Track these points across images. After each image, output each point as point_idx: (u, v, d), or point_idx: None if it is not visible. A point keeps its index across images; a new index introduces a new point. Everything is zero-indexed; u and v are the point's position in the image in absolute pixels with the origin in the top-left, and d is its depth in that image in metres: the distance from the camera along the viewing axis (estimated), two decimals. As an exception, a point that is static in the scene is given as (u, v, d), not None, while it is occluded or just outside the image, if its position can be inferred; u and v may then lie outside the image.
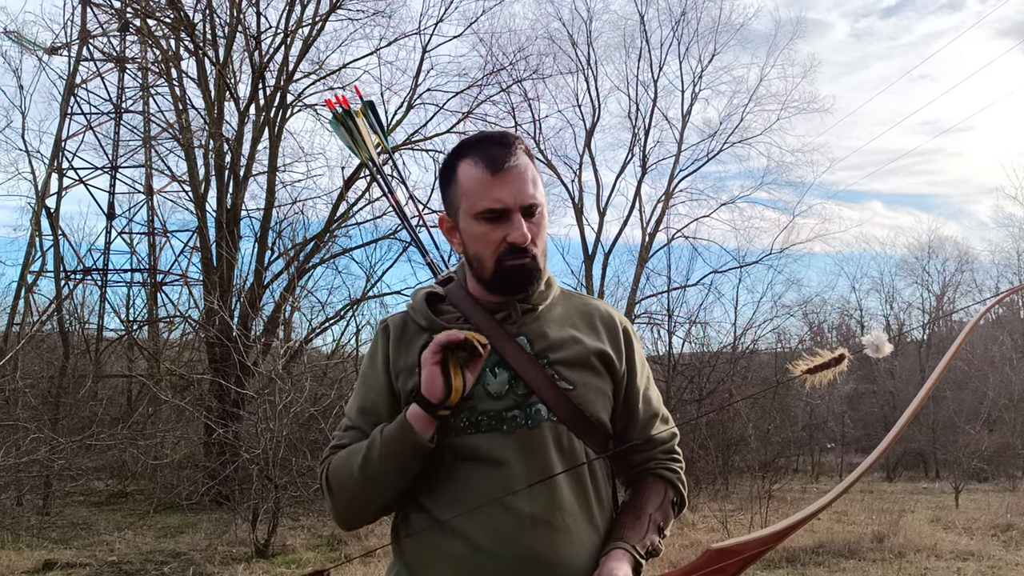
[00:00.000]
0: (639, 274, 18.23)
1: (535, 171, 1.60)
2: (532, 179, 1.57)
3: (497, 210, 1.54)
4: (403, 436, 1.48)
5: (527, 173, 1.56)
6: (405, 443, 1.48)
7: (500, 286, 1.59)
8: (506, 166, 1.54)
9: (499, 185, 1.53)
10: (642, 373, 1.70)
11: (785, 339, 20.82)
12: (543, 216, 1.59)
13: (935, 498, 13.90)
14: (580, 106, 18.92)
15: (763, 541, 1.37)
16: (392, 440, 1.49)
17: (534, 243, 1.56)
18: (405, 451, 1.48)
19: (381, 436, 1.51)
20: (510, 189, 1.53)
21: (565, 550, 1.49)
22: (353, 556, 7.94)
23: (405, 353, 1.61)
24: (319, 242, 13.43)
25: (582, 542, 1.52)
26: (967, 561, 7.74)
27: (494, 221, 1.54)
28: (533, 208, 1.56)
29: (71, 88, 15.16)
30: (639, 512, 1.57)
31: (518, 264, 1.55)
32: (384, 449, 1.49)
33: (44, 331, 15.16)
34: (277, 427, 8.53)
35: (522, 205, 1.54)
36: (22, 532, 9.09)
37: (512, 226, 1.54)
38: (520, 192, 1.54)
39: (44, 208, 14.66)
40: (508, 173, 1.54)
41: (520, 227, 1.53)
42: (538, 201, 1.57)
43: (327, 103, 2.53)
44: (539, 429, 1.53)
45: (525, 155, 1.58)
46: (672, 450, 1.70)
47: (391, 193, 2.54)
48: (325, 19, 13.48)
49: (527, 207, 1.55)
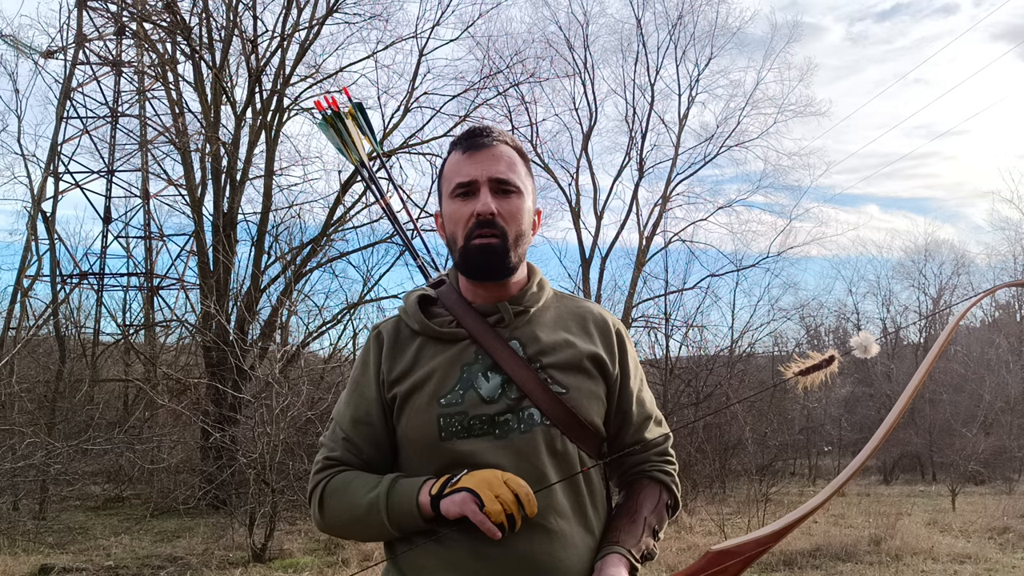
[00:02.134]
0: (636, 277, 18.22)
1: (518, 160, 1.62)
2: (508, 161, 1.59)
3: (466, 183, 1.57)
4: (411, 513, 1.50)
5: (502, 155, 1.59)
6: (412, 518, 1.50)
7: (469, 266, 1.59)
8: (479, 145, 1.58)
9: (470, 162, 1.58)
10: (635, 376, 1.70)
11: (782, 343, 20.84)
12: (521, 200, 1.60)
13: (932, 501, 13.92)
14: (577, 110, 18.91)
15: (761, 541, 1.38)
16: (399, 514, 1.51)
17: (504, 221, 1.56)
18: (408, 522, 1.51)
19: (388, 503, 1.51)
20: (480, 165, 1.57)
21: (560, 553, 1.49)
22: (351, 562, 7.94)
23: (399, 359, 1.62)
24: (316, 246, 13.42)
25: (576, 545, 1.52)
26: (964, 564, 7.76)
27: (465, 196, 1.57)
28: (505, 185, 1.57)
29: (67, 92, 15.15)
30: (634, 515, 1.58)
31: (484, 242, 1.56)
32: (389, 515, 1.51)
33: (40, 335, 15.13)
34: (274, 431, 8.52)
35: (490, 177, 1.56)
36: (18, 537, 9.06)
37: (478, 200, 1.56)
38: (488, 167, 1.57)
39: (40, 212, 14.64)
40: (480, 152, 1.58)
41: (485, 198, 1.55)
42: (510, 179, 1.58)
43: (316, 104, 2.52)
44: (532, 433, 1.53)
45: (508, 146, 1.62)
46: (666, 452, 1.71)
47: (381, 196, 2.54)
48: (322, 23, 13.49)
49: (496, 180, 1.57)
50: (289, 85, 13.47)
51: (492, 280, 1.61)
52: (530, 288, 1.66)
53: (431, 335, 1.63)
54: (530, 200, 1.64)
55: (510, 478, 1.43)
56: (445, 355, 1.59)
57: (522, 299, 1.64)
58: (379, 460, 1.62)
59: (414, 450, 1.58)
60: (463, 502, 1.42)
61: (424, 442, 1.55)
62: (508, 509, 1.40)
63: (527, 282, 1.68)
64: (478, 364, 1.58)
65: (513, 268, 1.61)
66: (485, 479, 1.43)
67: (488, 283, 1.62)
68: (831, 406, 19.42)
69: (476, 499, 1.41)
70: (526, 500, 1.42)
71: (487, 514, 1.40)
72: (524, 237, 1.61)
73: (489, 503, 1.40)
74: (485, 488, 1.42)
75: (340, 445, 1.62)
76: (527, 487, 1.43)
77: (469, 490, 1.42)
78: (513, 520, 1.41)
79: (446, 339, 1.61)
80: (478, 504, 1.41)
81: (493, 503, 1.40)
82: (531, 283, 1.68)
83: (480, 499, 1.41)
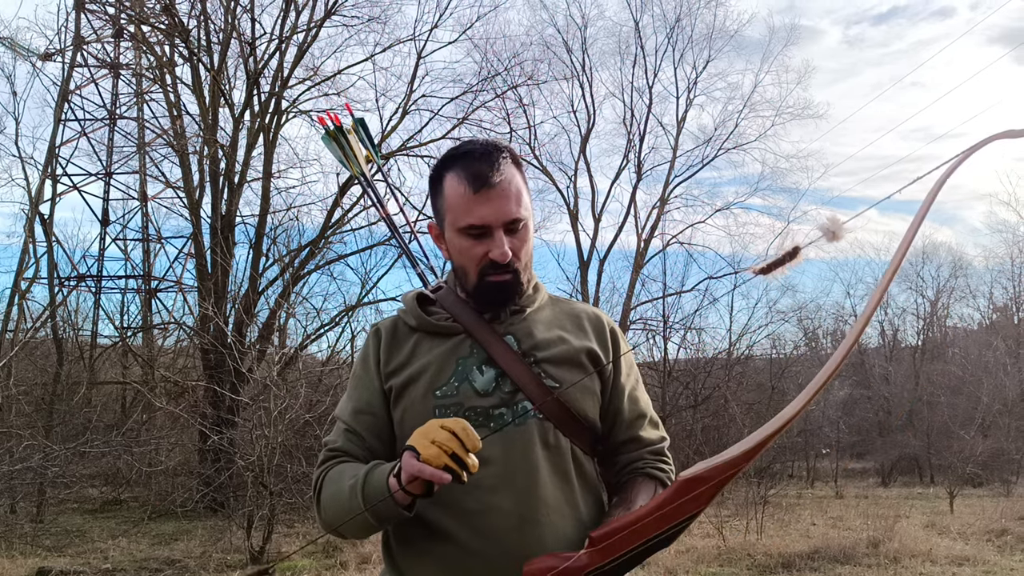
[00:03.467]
0: (634, 280, 18.23)
1: (520, 183, 1.61)
2: (516, 194, 1.58)
3: (479, 227, 1.56)
4: (383, 493, 1.43)
5: (511, 189, 1.57)
6: (387, 502, 1.43)
7: (482, 300, 1.62)
8: (489, 183, 1.55)
9: (481, 203, 1.55)
10: (629, 373, 1.71)
11: (780, 345, 20.81)
12: (527, 229, 1.61)
13: (930, 503, 13.93)
14: (575, 112, 18.92)
15: (733, 463, 1.34)
16: (372, 498, 1.45)
17: (516, 257, 1.59)
18: (385, 509, 1.44)
19: (363, 487, 1.46)
20: (492, 207, 1.55)
21: (554, 547, 1.49)
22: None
23: (396, 354, 1.65)
24: (314, 248, 13.41)
25: (568, 538, 1.52)
26: (962, 566, 7.76)
27: (477, 237, 1.57)
28: (516, 223, 1.58)
29: (65, 94, 15.15)
30: (629, 505, 1.57)
31: (500, 280, 1.58)
32: (365, 499, 1.45)
33: (38, 338, 15.11)
34: (272, 434, 8.51)
35: (504, 222, 1.56)
36: (16, 540, 9.05)
37: (494, 243, 1.56)
38: (501, 210, 1.55)
39: (38, 214, 14.63)
40: (491, 191, 1.55)
41: (501, 245, 1.55)
42: (521, 216, 1.58)
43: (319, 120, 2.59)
44: (526, 426, 1.55)
45: (511, 166, 1.59)
46: (661, 452, 1.70)
47: (382, 206, 2.59)
48: (320, 25, 13.49)
49: (510, 222, 1.57)
50: (287, 87, 13.48)
51: (503, 308, 1.64)
52: (526, 290, 1.68)
53: (428, 330, 1.65)
54: (531, 218, 1.65)
55: (446, 421, 1.36)
56: (441, 349, 1.62)
57: (518, 299, 1.66)
58: (382, 450, 1.63)
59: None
60: (406, 462, 1.35)
61: None
62: (446, 448, 1.32)
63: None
64: (473, 358, 1.60)
65: (523, 294, 1.65)
66: (420, 431, 1.38)
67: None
68: (829, 409, 19.42)
69: (414, 453, 1.35)
70: (464, 434, 1.33)
71: (425, 461, 1.32)
72: (531, 259, 1.65)
73: (424, 449, 1.33)
74: (419, 438, 1.36)
75: (342, 436, 1.64)
76: (463, 422, 1.35)
77: (408, 448, 1.37)
78: (459, 459, 1.33)
79: (442, 333, 1.64)
80: (415, 456, 1.34)
81: (428, 448, 1.33)
82: (527, 286, 1.70)
83: (416, 451, 1.35)
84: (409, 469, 1.34)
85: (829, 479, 18.79)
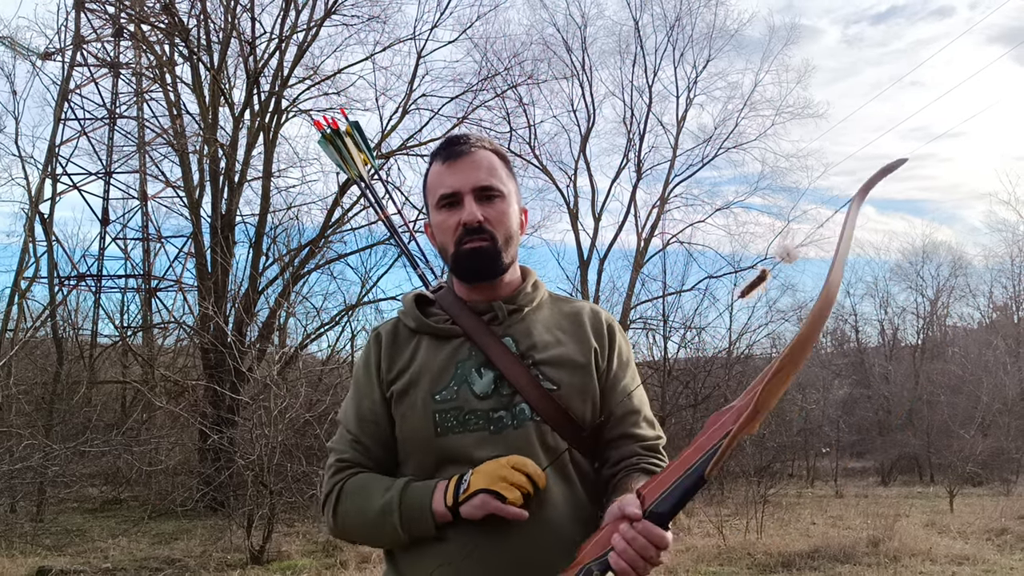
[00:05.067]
0: (634, 279, 18.23)
1: (496, 163, 1.65)
2: (489, 167, 1.63)
3: (449, 195, 1.60)
4: (425, 520, 1.52)
5: (483, 161, 1.62)
6: (426, 524, 1.52)
7: (462, 270, 1.64)
8: (459, 154, 1.61)
9: (451, 172, 1.61)
10: (625, 370, 1.70)
11: (780, 344, 20.76)
12: (505, 202, 1.63)
13: (930, 502, 13.93)
14: (575, 111, 18.93)
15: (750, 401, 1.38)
16: (409, 521, 1.53)
17: (491, 225, 1.60)
18: (420, 529, 1.53)
19: (400, 510, 1.53)
20: (461, 175, 1.60)
21: (557, 547, 1.49)
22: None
23: (397, 359, 1.65)
24: (314, 247, 13.41)
25: (570, 537, 1.51)
26: (962, 565, 7.76)
27: (450, 207, 1.61)
28: (488, 191, 1.61)
29: (65, 93, 15.15)
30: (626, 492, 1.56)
31: (475, 246, 1.60)
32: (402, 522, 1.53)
33: (38, 337, 15.12)
34: (272, 433, 8.51)
35: (473, 187, 1.60)
36: (16, 539, 9.05)
37: (464, 209, 1.59)
38: (470, 177, 1.60)
39: (38, 214, 14.62)
40: (460, 161, 1.61)
41: (470, 207, 1.59)
42: (492, 185, 1.62)
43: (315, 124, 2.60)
44: (524, 428, 1.55)
45: (488, 151, 1.65)
46: (655, 448, 1.67)
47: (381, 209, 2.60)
48: (320, 24, 13.49)
49: (479, 188, 1.60)
50: (287, 87, 13.48)
51: (486, 280, 1.65)
52: (524, 288, 1.69)
53: (427, 331, 1.66)
54: (514, 201, 1.67)
55: (513, 461, 1.49)
56: (440, 352, 1.63)
57: (516, 298, 1.67)
58: (387, 460, 1.64)
59: (411, 445, 1.60)
60: (483, 504, 1.46)
61: (420, 437, 1.58)
62: (525, 490, 1.47)
63: (521, 283, 1.71)
64: (471, 360, 1.60)
65: (506, 268, 1.65)
66: (494, 475, 1.47)
67: (483, 284, 1.66)
68: (829, 408, 19.42)
69: (495, 496, 1.46)
70: (536, 476, 1.48)
71: (511, 504, 1.46)
72: (513, 238, 1.66)
73: (507, 492, 1.46)
74: (499, 483, 1.46)
75: (349, 447, 1.64)
76: (532, 465, 1.49)
77: (486, 491, 1.47)
78: (530, 496, 1.48)
79: (441, 335, 1.65)
80: (499, 500, 1.46)
81: (511, 491, 1.46)
82: (525, 283, 1.71)
83: (499, 495, 1.46)
84: (489, 509, 1.46)
85: (829, 478, 18.79)
